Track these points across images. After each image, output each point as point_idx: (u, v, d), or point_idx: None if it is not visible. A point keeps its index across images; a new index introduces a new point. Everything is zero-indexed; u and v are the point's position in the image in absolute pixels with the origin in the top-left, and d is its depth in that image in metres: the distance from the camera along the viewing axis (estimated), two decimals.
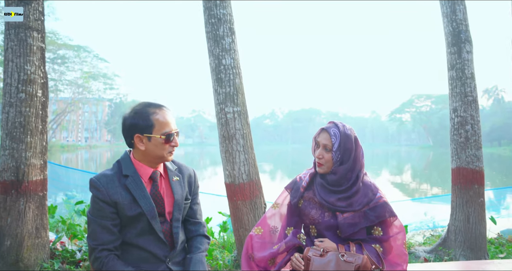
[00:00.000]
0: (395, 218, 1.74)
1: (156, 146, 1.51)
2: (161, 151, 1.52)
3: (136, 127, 1.51)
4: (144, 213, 1.50)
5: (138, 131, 1.51)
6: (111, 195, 1.48)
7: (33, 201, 3.30)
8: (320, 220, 1.76)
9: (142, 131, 1.50)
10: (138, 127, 1.50)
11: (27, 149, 3.28)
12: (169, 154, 1.56)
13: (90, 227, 1.49)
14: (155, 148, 1.51)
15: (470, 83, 3.53)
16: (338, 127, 1.73)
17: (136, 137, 1.51)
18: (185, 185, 1.67)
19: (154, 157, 1.54)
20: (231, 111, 3.08)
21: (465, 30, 3.58)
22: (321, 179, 1.79)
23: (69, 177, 5.71)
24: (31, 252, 3.25)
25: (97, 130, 74.86)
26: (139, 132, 1.51)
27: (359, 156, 1.75)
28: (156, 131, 1.50)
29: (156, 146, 1.51)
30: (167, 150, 1.54)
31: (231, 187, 3.17)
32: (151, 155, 1.53)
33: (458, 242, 3.47)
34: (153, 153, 1.52)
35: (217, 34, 3.09)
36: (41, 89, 3.45)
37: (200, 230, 1.73)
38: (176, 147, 1.57)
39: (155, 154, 1.53)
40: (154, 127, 1.50)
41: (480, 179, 3.44)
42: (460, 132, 3.52)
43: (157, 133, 1.50)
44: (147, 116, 1.50)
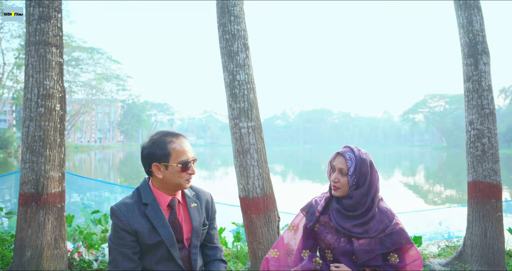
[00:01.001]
0: (412, 245, 1.73)
1: (173, 174, 1.54)
2: (178, 179, 1.55)
3: (153, 156, 1.54)
4: (163, 241, 1.53)
5: (155, 160, 1.54)
6: (131, 224, 1.51)
7: (52, 212, 3.38)
8: (335, 245, 1.77)
9: (160, 160, 1.54)
10: (156, 156, 1.54)
11: (46, 162, 3.36)
12: (186, 182, 1.58)
13: (111, 255, 1.53)
14: (172, 176, 1.54)
15: (487, 96, 3.48)
16: (353, 151, 1.74)
17: (154, 165, 1.55)
18: (202, 211, 1.69)
19: (172, 185, 1.57)
20: (245, 126, 3.11)
21: (482, 41, 3.53)
22: (337, 204, 1.79)
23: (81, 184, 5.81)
24: (50, 263, 3.33)
25: (110, 131, 75.88)
26: (157, 161, 1.54)
27: (374, 180, 1.76)
28: (173, 160, 1.54)
29: (173, 174, 1.54)
30: (184, 178, 1.56)
31: (245, 201, 3.20)
32: (168, 183, 1.56)
33: (475, 257, 3.42)
34: (170, 181, 1.56)
35: (231, 50, 3.11)
36: (59, 103, 3.53)
37: (217, 255, 1.75)
38: (193, 175, 1.60)
39: (173, 182, 1.56)
40: (171, 156, 1.53)
41: (497, 193, 3.39)
42: (476, 145, 3.47)
43: (174, 161, 1.53)
44: (164, 145, 1.54)
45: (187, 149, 1.57)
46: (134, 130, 73.94)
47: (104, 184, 5.90)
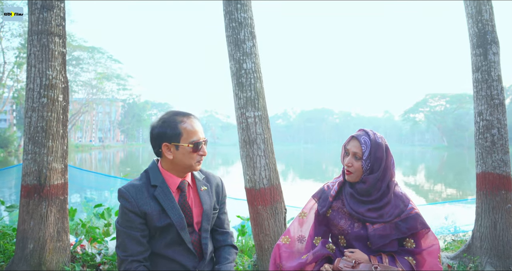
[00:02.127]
0: (428, 230, 1.68)
1: (184, 155, 1.49)
2: (189, 160, 1.50)
3: (164, 136, 1.49)
4: (173, 223, 1.48)
5: (166, 139, 1.49)
6: (140, 205, 1.46)
7: (55, 204, 3.33)
8: (349, 230, 1.71)
9: (170, 140, 1.48)
10: (166, 136, 1.49)
11: (48, 153, 3.31)
12: (197, 164, 1.53)
13: (119, 238, 1.48)
14: (183, 157, 1.49)
15: (496, 86, 3.42)
16: (368, 135, 1.68)
17: (164, 146, 1.49)
18: (213, 194, 1.64)
19: (182, 166, 1.52)
20: (252, 115, 3.05)
21: (492, 31, 3.47)
22: (351, 189, 1.74)
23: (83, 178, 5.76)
24: (53, 256, 3.28)
25: (111, 130, 75.90)
26: (167, 140, 1.49)
27: (389, 165, 1.70)
28: (184, 140, 1.48)
29: (184, 155, 1.49)
30: (195, 159, 1.51)
31: (252, 192, 3.14)
32: (179, 164, 1.51)
33: (484, 249, 3.36)
34: (181, 162, 1.50)
35: (238, 38, 3.06)
36: (62, 94, 3.48)
37: (228, 240, 1.70)
38: (204, 156, 1.55)
39: (183, 163, 1.51)
40: (182, 136, 1.48)
41: (507, 184, 3.33)
42: (485, 136, 3.42)
43: (185, 141, 1.48)
44: (175, 125, 1.49)
45: (198, 130, 1.52)
46: (135, 130, 73.91)
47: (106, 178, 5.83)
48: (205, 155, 1.55)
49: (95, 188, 5.39)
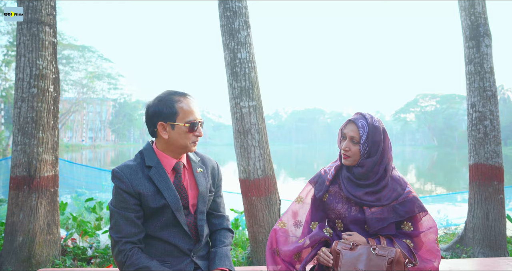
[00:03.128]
0: (426, 213, 1.67)
1: (180, 135, 1.46)
2: (184, 140, 1.47)
3: (159, 115, 1.46)
4: (168, 205, 1.44)
5: (161, 118, 1.46)
6: (134, 186, 1.43)
7: (45, 197, 3.26)
8: (346, 214, 1.70)
9: (166, 119, 1.45)
10: (162, 115, 1.45)
11: (39, 144, 3.24)
12: (192, 144, 1.50)
13: (112, 219, 1.44)
14: (178, 136, 1.46)
15: (489, 78, 3.45)
16: (366, 118, 1.66)
17: (160, 125, 1.46)
18: (209, 177, 1.61)
19: (177, 147, 1.48)
20: (247, 105, 3.03)
21: (484, 24, 3.51)
22: (348, 172, 1.72)
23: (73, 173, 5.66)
24: (43, 249, 3.21)
25: (101, 130, 75.12)
26: (163, 120, 1.46)
27: (387, 149, 1.68)
28: (180, 119, 1.45)
29: (179, 135, 1.46)
30: (190, 139, 1.48)
31: (246, 183, 3.12)
32: (174, 144, 1.48)
33: (477, 240, 3.39)
34: (176, 142, 1.47)
35: (233, 28, 3.03)
36: (52, 84, 3.41)
37: (224, 224, 1.67)
38: (200, 137, 1.52)
39: (178, 143, 1.47)
40: (178, 115, 1.45)
41: (499, 175, 3.37)
42: (478, 128, 3.44)
43: (181, 121, 1.45)
44: (171, 104, 1.45)
45: (195, 110, 1.49)
46: (126, 130, 73.25)
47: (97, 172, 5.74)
48: (201, 135, 1.51)
49: (85, 182, 5.31)
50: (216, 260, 1.52)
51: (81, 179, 5.19)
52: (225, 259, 1.53)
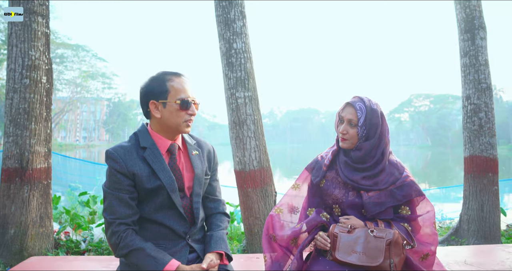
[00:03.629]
0: (423, 197, 1.66)
1: (172, 113, 1.43)
2: (176, 118, 1.43)
3: (151, 93, 1.44)
4: (163, 186, 1.42)
5: (153, 97, 1.43)
6: (128, 166, 1.40)
7: (37, 189, 3.22)
8: (344, 199, 1.68)
9: (157, 97, 1.43)
10: (153, 93, 1.43)
11: (31, 136, 3.20)
12: (185, 124, 1.46)
13: (106, 201, 1.41)
14: (170, 115, 1.43)
15: (484, 70, 3.47)
16: (364, 101, 1.65)
17: (151, 103, 1.44)
18: (204, 160, 1.59)
19: (170, 126, 1.46)
20: (242, 96, 3.01)
21: (479, 16, 3.52)
22: (345, 157, 1.71)
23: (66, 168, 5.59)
24: (35, 241, 3.16)
25: (95, 130, 74.61)
26: (155, 98, 1.43)
27: (385, 132, 1.67)
28: (171, 97, 1.43)
29: (171, 113, 1.43)
30: (182, 117, 1.44)
31: (241, 174, 3.10)
32: (167, 123, 1.45)
33: (472, 231, 3.40)
34: (168, 121, 1.44)
35: (228, 18, 3.01)
36: (45, 76, 3.36)
37: (220, 208, 1.65)
38: (193, 116, 1.48)
39: (171, 122, 1.44)
40: (169, 93, 1.43)
41: (494, 167, 3.38)
42: (473, 120, 3.46)
43: (172, 98, 1.43)
44: (162, 82, 1.43)
45: (188, 88, 1.46)
46: (120, 129, 72.82)
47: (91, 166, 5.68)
48: (194, 114, 1.47)
49: (79, 176, 5.24)
50: (212, 243, 1.50)
51: (74, 174, 5.12)
52: (221, 243, 1.51)
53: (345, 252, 1.50)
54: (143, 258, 1.34)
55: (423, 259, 1.58)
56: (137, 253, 1.35)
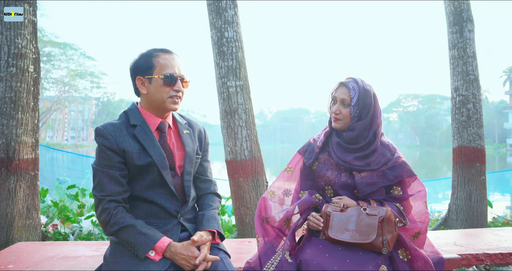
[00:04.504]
0: (415, 177, 1.67)
1: (156, 88, 1.42)
2: (161, 94, 1.42)
3: (138, 69, 1.43)
4: (154, 163, 1.40)
5: (139, 73, 1.43)
6: (119, 143, 1.38)
7: (24, 180, 3.15)
8: (336, 180, 1.68)
9: (144, 73, 1.42)
10: (140, 69, 1.43)
11: (18, 126, 3.13)
12: (170, 100, 1.43)
13: (96, 179, 1.38)
14: (155, 90, 1.42)
15: (471, 62, 3.52)
16: (357, 81, 1.66)
17: (138, 79, 1.44)
18: (195, 139, 1.58)
19: (156, 102, 1.44)
20: (234, 85, 3.00)
21: (467, 9, 3.57)
22: (337, 138, 1.71)
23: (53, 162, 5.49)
24: (21, 233, 3.10)
25: (84, 129, 73.63)
26: (141, 74, 1.43)
27: (377, 114, 1.68)
28: (156, 73, 1.42)
29: (156, 89, 1.42)
30: (167, 93, 1.42)
31: (233, 164, 3.09)
32: (153, 99, 1.44)
33: (460, 221, 3.45)
34: (154, 96, 1.43)
35: (220, 6, 3.00)
36: (33, 65, 3.30)
37: (211, 188, 1.63)
38: (180, 92, 1.46)
39: (156, 98, 1.43)
40: (155, 69, 1.42)
41: (481, 157, 3.43)
42: (461, 111, 3.51)
43: (157, 74, 1.42)
44: (149, 58, 1.42)
45: (175, 64, 1.44)
46: None
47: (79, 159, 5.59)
48: (180, 91, 1.45)
49: (67, 169, 5.15)
50: (203, 222, 1.48)
51: (63, 167, 5.02)
52: (213, 221, 1.50)
53: (338, 231, 1.50)
54: (134, 235, 1.32)
55: (414, 238, 1.59)
56: (127, 230, 1.33)
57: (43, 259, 1.58)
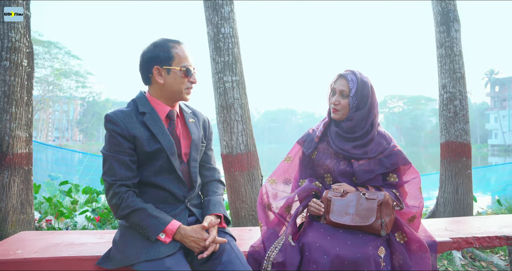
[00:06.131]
0: (410, 165, 1.76)
1: (175, 79, 1.47)
2: (179, 85, 1.47)
3: (156, 59, 1.46)
4: (163, 149, 1.44)
5: (157, 63, 1.46)
6: (129, 129, 1.42)
7: (18, 174, 3.13)
8: (335, 168, 1.76)
9: (162, 63, 1.46)
10: (158, 59, 1.46)
11: (11, 120, 3.11)
12: (186, 92, 1.50)
13: (106, 164, 1.42)
14: (174, 81, 1.47)
15: (458, 60, 3.66)
16: (355, 73, 1.74)
17: (155, 69, 1.46)
18: (200, 128, 1.63)
19: (172, 92, 1.49)
20: (230, 80, 3.05)
21: (454, 10, 3.71)
22: (336, 127, 1.78)
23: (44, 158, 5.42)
24: (16, 228, 3.08)
25: (68, 130, 72.35)
26: (159, 64, 1.46)
27: (374, 104, 1.76)
28: (175, 64, 1.46)
29: (175, 79, 1.47)
30: (185, 84, 1.49)
31: (228, 158, 3.13)
32: (169, 89, 1.48)
33: (447, 213, 3.58)
34: (171, 87, 1.47)
35: (216, 3, 3.04)
36: (26, 59, 3.28)
37: (216, 176, 1.69)
38: (195, 84, 1.52)
39: (173, 89, 1.48)
40: (174, 60, 1.46)
41: (468, 152, 3.57)
42: (449, 107, 3.64)
43: (177, 65, 1.47)
44: (167, 49, 1.46)
45: (188, 56, 1.50)
46: (95, 129, 70.97)
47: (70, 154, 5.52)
48: (195, 82, 1.52)
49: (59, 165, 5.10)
50: (210, 207, 1.53)
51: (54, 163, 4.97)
52: (219, 206, 1.55)
53: (339, 215, 1.57)
54: (145, 218, 1.36)
55: (410, 222, 1.68)
56: (138, 213, 1.37)
57: (49, 246, 1.61)
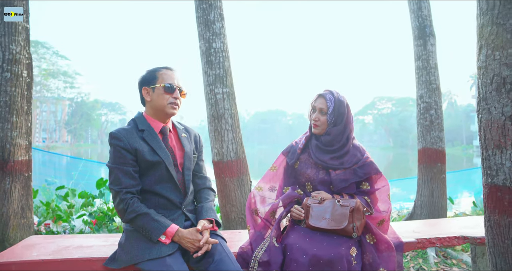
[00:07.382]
0: (380, 174, 1.99)
1: (158, 96, 1.72)
2: (162, 101, 1.71)
3: (144, 81, 1.74)
4: (162, 161, 1.66)
5: (145, 84, 1.74)
6: (131, 143, 1.63)
7: (19, 181, 3.29)
8: (315, 177, 1.98)
9: (148, 84, 1.73)
10: (145, 81, 1.74)
11: (12, 128, 3.27)
12: (169, 106, 1.72)
13: (112, 175, 1.62)
14: (157, 98, 1.72)
15: (434, 72, 3.93)
16: (333, 93, 1.97)
17: (144, 89, 1.74)
18: (192, 142, 1.85)
19: (157, 108, 1.73)
20: (221, 92, 3.26)
21: (430, 25, 3.99)
22: (316, 141, 2.01)
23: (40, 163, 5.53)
24: (16, 232, 3.23)
25: (56, 131, 71.38)
26: (146, 85, 1.74)
27: (350, 120, 1.99)
28: (158, 83, 1.73)
29: (158, 96, 1.72)
30: (167, 100, 1.72)
31: (219, 165, 3.34)
32: (155, 105, 1.73)
33: (424, 216, 3.84)
34: (156, 103, 1.72)
35: (208, 19, 3.25)
36: (26, 70, 3.44)
37: (207, 183, 1.90)
38: (178, 99, 1.75)
39: (158, 104, 1.72)
40: (158, 80, 1.73)
41: (442, 157, 3.84)
42: (425, 116, 3.91)
43: (159, 84, 1.73)
44: (154, 72, 1.75)
45: (174, 77, 1.75)
46: (83, 130, 70.25)
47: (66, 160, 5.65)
48: (178, 98, 1.75)
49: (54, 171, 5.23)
50: (203, 212, 1.75)
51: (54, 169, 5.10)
52: (211, 212, 1.77)
53: (317, 219, 1.80)
54: (148, 221, 1.57)
55: (379, 225, 1.91)
56: (142, 218, 1.58)
57: (60, 249, 1.79)
